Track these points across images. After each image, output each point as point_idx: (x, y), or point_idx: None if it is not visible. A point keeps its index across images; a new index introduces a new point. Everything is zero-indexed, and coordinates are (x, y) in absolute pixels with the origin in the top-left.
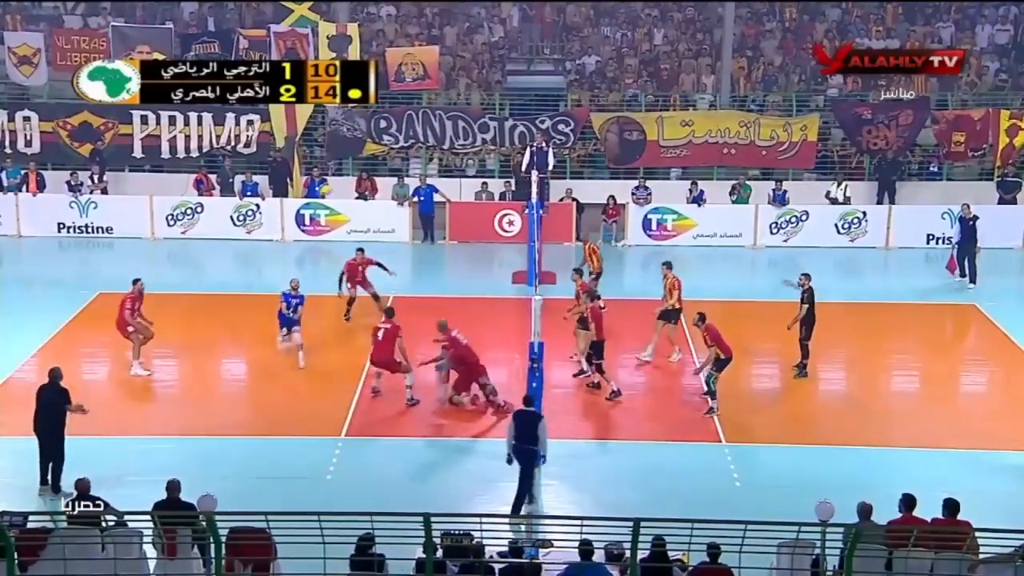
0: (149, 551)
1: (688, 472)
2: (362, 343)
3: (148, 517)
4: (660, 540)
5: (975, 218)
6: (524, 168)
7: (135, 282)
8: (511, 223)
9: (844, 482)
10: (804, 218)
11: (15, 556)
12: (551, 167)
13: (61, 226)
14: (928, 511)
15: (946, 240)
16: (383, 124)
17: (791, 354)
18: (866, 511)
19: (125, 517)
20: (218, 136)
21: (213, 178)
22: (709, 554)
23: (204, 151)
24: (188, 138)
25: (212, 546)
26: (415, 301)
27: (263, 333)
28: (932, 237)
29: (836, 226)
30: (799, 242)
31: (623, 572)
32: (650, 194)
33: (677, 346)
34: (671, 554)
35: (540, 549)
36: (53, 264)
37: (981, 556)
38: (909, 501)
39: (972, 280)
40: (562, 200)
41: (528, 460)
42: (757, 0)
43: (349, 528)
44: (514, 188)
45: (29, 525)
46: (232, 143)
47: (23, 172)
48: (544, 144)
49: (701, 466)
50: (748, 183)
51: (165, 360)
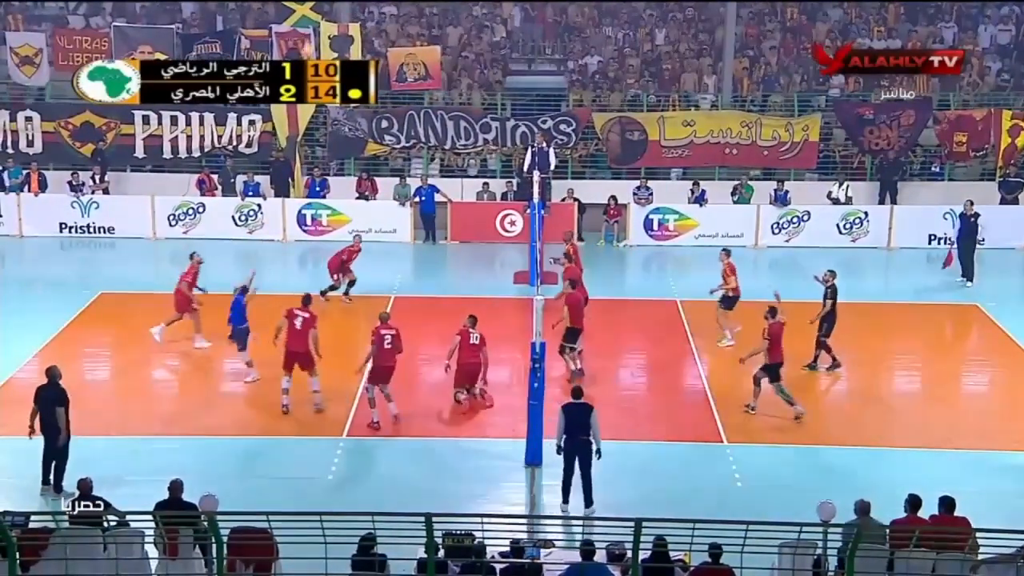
0: (151, 551)
1: (690, 472)
2: (361, 343)
3: (150, 517)
4: (662, 540)
5: (976, 215)
6: (526, 169)
7: (192, 256)
8: (513, 223)
9: (846, 482)
10: (806, 218)
11: (17, 556)
12: (553, 167)
13: (63, 226)
14: (930, 511)
15: (948, 240)
16: (385, 124)
17: (794, 354)
18: (864, 508)
19: (127, 517)
20: (220, 136)
21: (215, 178)
22: (711, 554)
23: (206, 151)
24: (190, 138)
25: (214, 546)
26: (416, 301)
27: (263, 333)
28: (934, 237)
29: (838, 226)
30: (801, 242)
31: (624, 572)
32: (651, 194)
33: (728, 331)
34: (673, 554)
35: (541, 549)
36: (55, 264)
37: (983, 556)
38: (915, 502)
39: (969, 278)
40: (564, 200)
41: (585, 453)
42: (759, 0)
43: (351, 528)
44: (516, 188)
45: (31, 525)
46: (234, 143)
47: (25, 172)
48: (545, 144)
49: (703, 466)
50: (750, 183)
51: (167, 360)
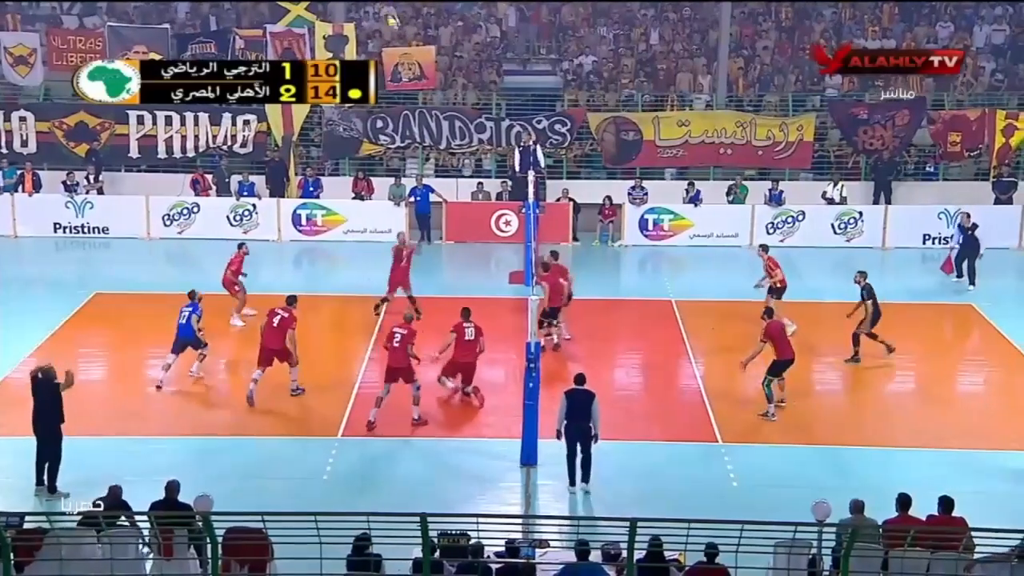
0: (147, 551)
1: (685, 472)
2: (357, 343)
3: (145, 517)
4: (657, 540)
5: (975, 226)
6: (518, 168)
7: (240, 246)
8: (508, 223)
9: (841, 482)
10: (800, 218)
11: (11, 556)
12: (543, 166)
13: (57, 226)
14: (925, 511)
15: (943, 240)
16: (380, 124)
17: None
18: (858, 507)
19: (122, 518)
20: (214, 136)
21: (209, 178)
22: (706, 554)
23: (200, 151)
24: (184, 138)
25: (208, 546)
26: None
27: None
28: (928, 237)
29: (832, 226)
30: (795, 242)
31: (620, 572)
32: (646, 194)
33: (789, 320)
34: (668, 554)
35: (537, 549)
36: (49, 264)
37: (978, 555)
38: (904, 501)
39: (972, 282)
40: (559, 200)
41: (585, 438)
42: (753, 0)
43: (346, 528)
44: (510, 188)
45: (26, 525)
46: (228, 143)
47: (19, 172)
48: (533, 144)
49: (698, 466)
50: (744, 183)
51: (163, 360)
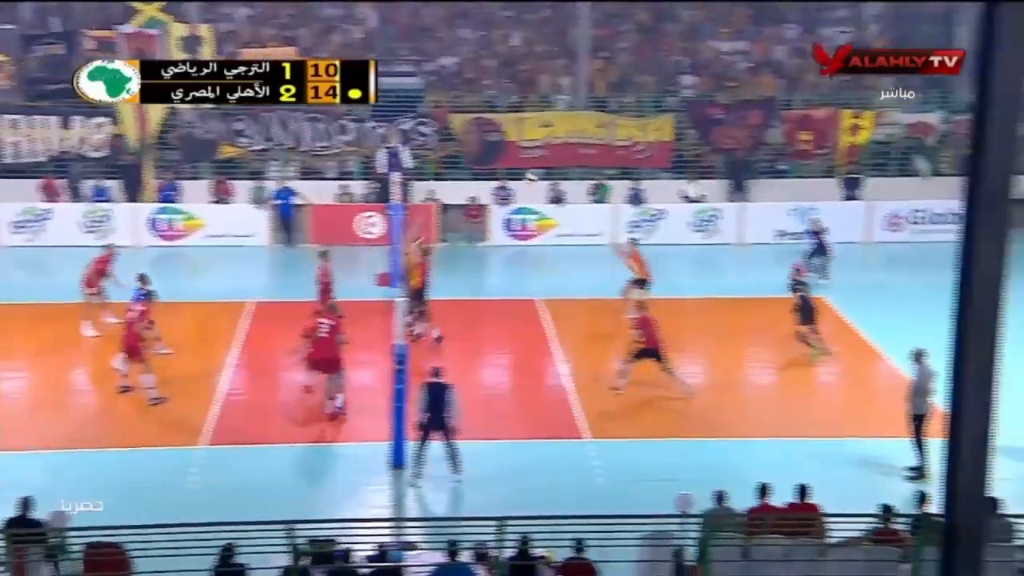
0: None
1: (551, 469)
2: (220, 350)
3: None
4: (526, 538)
5: (824, 230)
6: (383, 169)
7: (108, 247)
8: (373, 225)
9: (703, 474)
10: (661, 217)
11: None
12: (408, 167)
13: None
14: (784, 499)
15: (795, 236)
16: (239, 126)
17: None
18: (720, 497)
19: None
20: (65, 139)
21: (60, 183)
22: (574, 550)
23: (51, 155)
24: (34, 141)
25: (65, 563)
26: (276, 306)
27: (116, 341)
28: (782, 233)
29: (691, 224)
30: (657, 240)
31: (490, 571)
32: (511, 194)
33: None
34: (537, 551)
35: (407, 552)
36: None
37: (831, 540)
38: (763, 488)
39: (824, 276)
40: (425, 202)
41: (444, 429)
42: (608, 0)
43: (210, 539)
44: (375, 190)
45: None
46: (81, 146)
47: None
48: (399, 145)
49: (565, 463)
50: (606, 183)
51: (14, 372)
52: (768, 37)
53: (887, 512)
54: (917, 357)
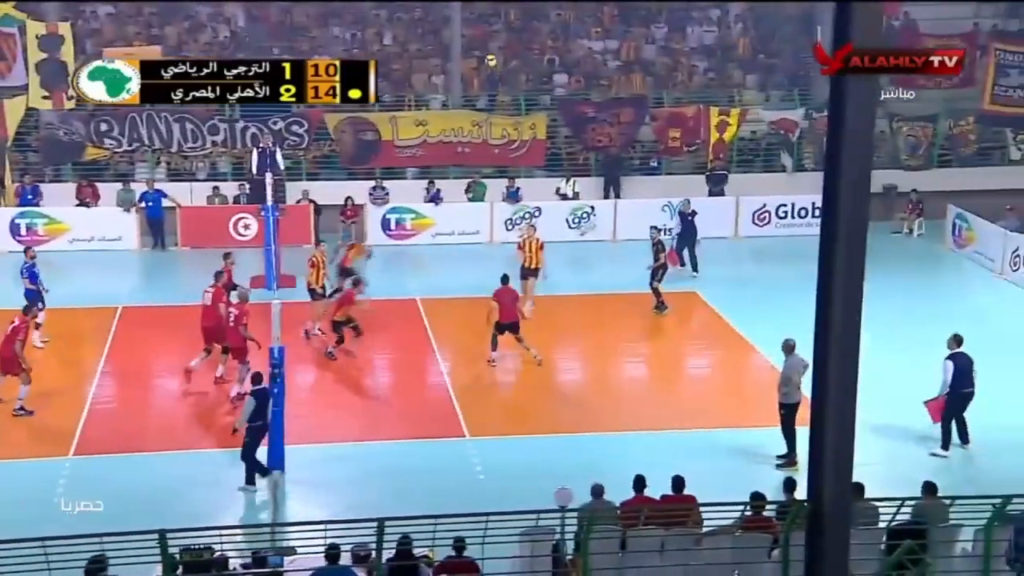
0: None
1: (433, 468)
2: (86, 357)
3: None
4: (406, 538)
5: (694, 213)
6: (256, 170)
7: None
8: (247, 227)
9: (581, 468)
10: (537, 214)
11: None
12: (281, 168)
13: None
14: (659, 490)
15: (667, 231)
16: (104, 127)
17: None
18: (598, 491)
19: None
20: None
21: None
22: (454, 548)
23: None
24: None
25: None
26: (146, 311)
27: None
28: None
29: (567, 221)
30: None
31: (370, 573)
32: (388, 194)
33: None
34: (417, 551)
35: (285, 557)
36: None
37: (705, 529)
38: (639, 481)
39: (695, 269)
40: (299, 202)
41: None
42: (479, 0)
43: (79, 552)
44: (248, 191)
45: None
46: None
47: None
48: (271, 145)
49: (446, 462)
50: (482, 181)
51: None
52: (637, 36)
53: (757, 500)
54: (788, 348)
